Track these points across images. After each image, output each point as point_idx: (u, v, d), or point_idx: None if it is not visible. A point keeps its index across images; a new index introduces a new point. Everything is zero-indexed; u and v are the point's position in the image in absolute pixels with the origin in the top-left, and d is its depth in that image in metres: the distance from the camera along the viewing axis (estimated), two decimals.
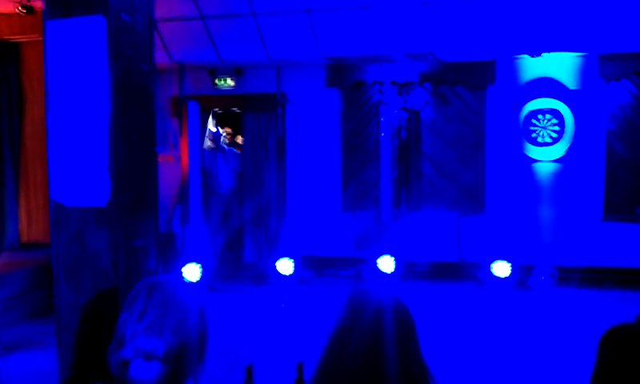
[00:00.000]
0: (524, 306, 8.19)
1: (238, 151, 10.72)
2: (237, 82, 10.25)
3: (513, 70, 9.25)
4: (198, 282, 8.71)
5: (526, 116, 9.27)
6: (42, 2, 4.15)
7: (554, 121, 9.18)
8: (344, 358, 1.81)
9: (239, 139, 10.69)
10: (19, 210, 9.41)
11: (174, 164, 9.91)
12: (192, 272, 8.73)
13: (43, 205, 8.97)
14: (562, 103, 9.14)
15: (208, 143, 10.48)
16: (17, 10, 8.09)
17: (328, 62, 9.66)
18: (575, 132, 9.10)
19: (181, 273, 8.73)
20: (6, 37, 8.94)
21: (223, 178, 10.41)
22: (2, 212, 9.25)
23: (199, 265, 8.77)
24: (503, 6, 7.88)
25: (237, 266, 9.78)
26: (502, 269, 8.81)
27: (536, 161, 9.29)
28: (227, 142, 10.74)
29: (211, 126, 10.69)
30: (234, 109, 10.54)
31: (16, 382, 4.88)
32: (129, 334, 1.70)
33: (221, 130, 10.67)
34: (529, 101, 9.26)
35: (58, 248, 4.08)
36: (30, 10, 8.07)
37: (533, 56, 8.44)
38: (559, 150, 9.19)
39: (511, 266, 8.86)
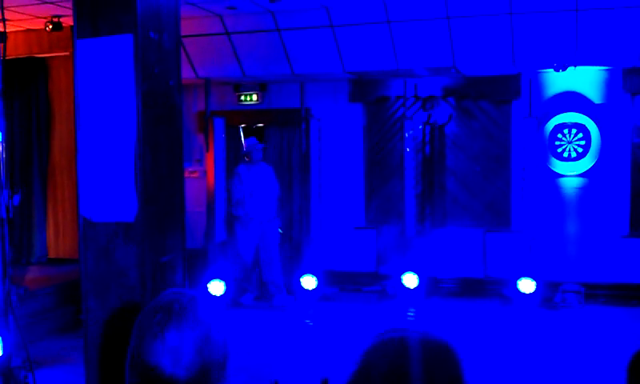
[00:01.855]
0: (550, 324, 8.09)
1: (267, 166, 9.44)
2: (261, 97, 10.31)
3: (538, 85, 9.20)
4: (221, 297, 8.73)
5: (551, 130, 9.20)
6: (72, 21, 4.22)
7: (580, 135, 9.11)
8: None
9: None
10: (47, 225, 9.51)
11: (200, 179, 9.96)
12: (216, 288, 8.75)
13: (71, 220, 9.07)
14: (587, 117, 9.06)
15: (245, 158, 9.23)
16: (45, 27, 8.22)
17: (351, 77, 9.68)
18: (601, 146, 9.02)
19: (205, 288, 8.75)
20: (35, 53, 9.09)
21: (255, 194, 8.97)
22: (30, 226, 9.36)
23: (223, 281, 8.79)
24: (527, 21, 7.85)
25: (261, 282, 9.74)
26: (527, 285, 8.72)
27: (562, 176, 9.22)
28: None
29: (244, 137, 10.01)
30: (259, 124, 10.58)
31: None
32: (148, 350, 1.69)
33: (259, 141, 9.35)
34: (554, 115, 9.20)
35: (86, 263, 4.11)
36: (57, 26, 8.19)
37: (557, 70, 8.39)
38: (585, 164, 9.11)
39: (537, 283, 8.77)
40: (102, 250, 4.05)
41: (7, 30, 4.12)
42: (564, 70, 8.37)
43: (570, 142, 9.15)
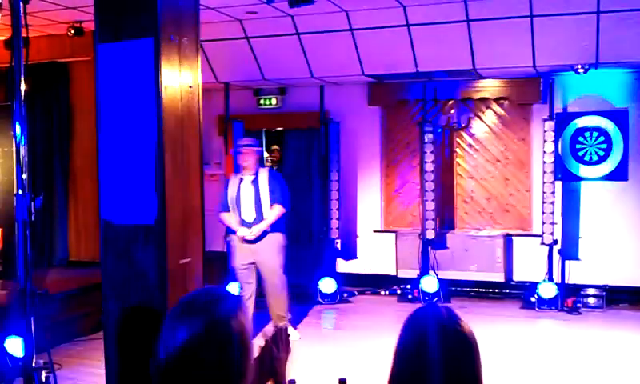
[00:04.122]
0: (572, 327, 8.03)
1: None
2: (281, 100, 10.36)
3: (558, 88, 9.14)
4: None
5: (572, 134, 9.14)
6: (93, 26, 4.26)
7: (601, 138, 9.03)
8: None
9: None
10: (69, 228, 9.60)
11: (220, 182, 10.00)
12: (234, 290, 8.78)
13: (92, 223, 9.14)
14: (608, 120, 8.99)
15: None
16: (67, 32, 8.32)
17: (370, 81, 9.68)
18: (623, 150, 8.94)
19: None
20: (57, 58, 9.19)
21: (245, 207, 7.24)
22: (52, 229, 9.45)
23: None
24: (548, 23, 7.80)
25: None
26: (548, 289, 8.67)
27: (583, 179, 9.14)
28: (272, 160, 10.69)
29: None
30: (278, 128, 10.62)
31: None
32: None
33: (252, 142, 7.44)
34: (575, 118, 9.13)
35: (106, 265, 4.15)
36: (79, 31, 8.29)
37: (578, 73, 8.33)
38: (606, 168, 9.03)
39: (558, 287, 8.71)
40: (122, 252, 4.09)
41: (30, 36, 4.17)
42: (585, 72, 8.31)
43: (591, 146, 9.08)
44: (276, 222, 7.24)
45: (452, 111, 9.80)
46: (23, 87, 4.11)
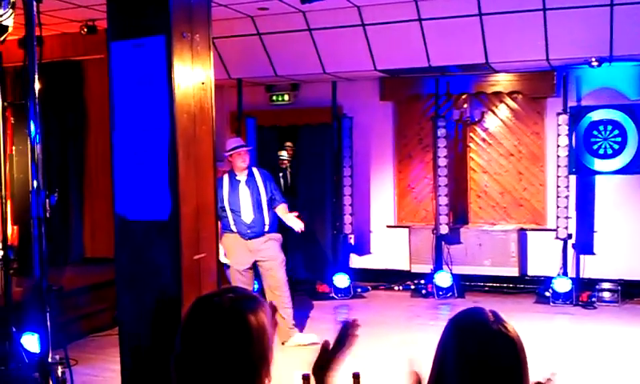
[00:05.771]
0: (587, 322, 7.99)
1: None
2: (293, 96, 10.37)
3: (572, 81, 9.09)
4: None
5: (586, 127, 9.09)
6: (106, 23, 4.29)
7: (616, 132, 8.98)
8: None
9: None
10: (84, 225, 9.65)
11: None
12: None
13: (107, 220, 9.15)
14: (623, 114, 8.93)
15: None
16: (80, 31, 8.36)
17: (383, 76, 9.66)
18: (638, 143, 8.88)
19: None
20: (70, 56, 9.24)
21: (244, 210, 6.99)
22: (67, 227, 9.50)
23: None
24: (561, 16, 7.75)
25: (292, 279, 9.76)
26: (563, 284, 8.63)
27: (597, 173, 9.09)
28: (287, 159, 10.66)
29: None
30: (291, 124, 10.62)
31: None
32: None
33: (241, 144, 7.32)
34: (589, 112, 9.08)
35: (121, 261, 4.18)
36: (92, 29, 8.33)
37: (592, 66, 8.27)
38: (621, 161, 8.98)
39: (573, 281, 8.67)
40: (136, 248, 4.11)
41: (43, 34, 4.20)
42: (599, 66, 8.25)
43: (605, 139, 9.03)
44: (273, 221, 7.13)
45: (465, 106, 9.77)
46: (37, 86, 4.16)
